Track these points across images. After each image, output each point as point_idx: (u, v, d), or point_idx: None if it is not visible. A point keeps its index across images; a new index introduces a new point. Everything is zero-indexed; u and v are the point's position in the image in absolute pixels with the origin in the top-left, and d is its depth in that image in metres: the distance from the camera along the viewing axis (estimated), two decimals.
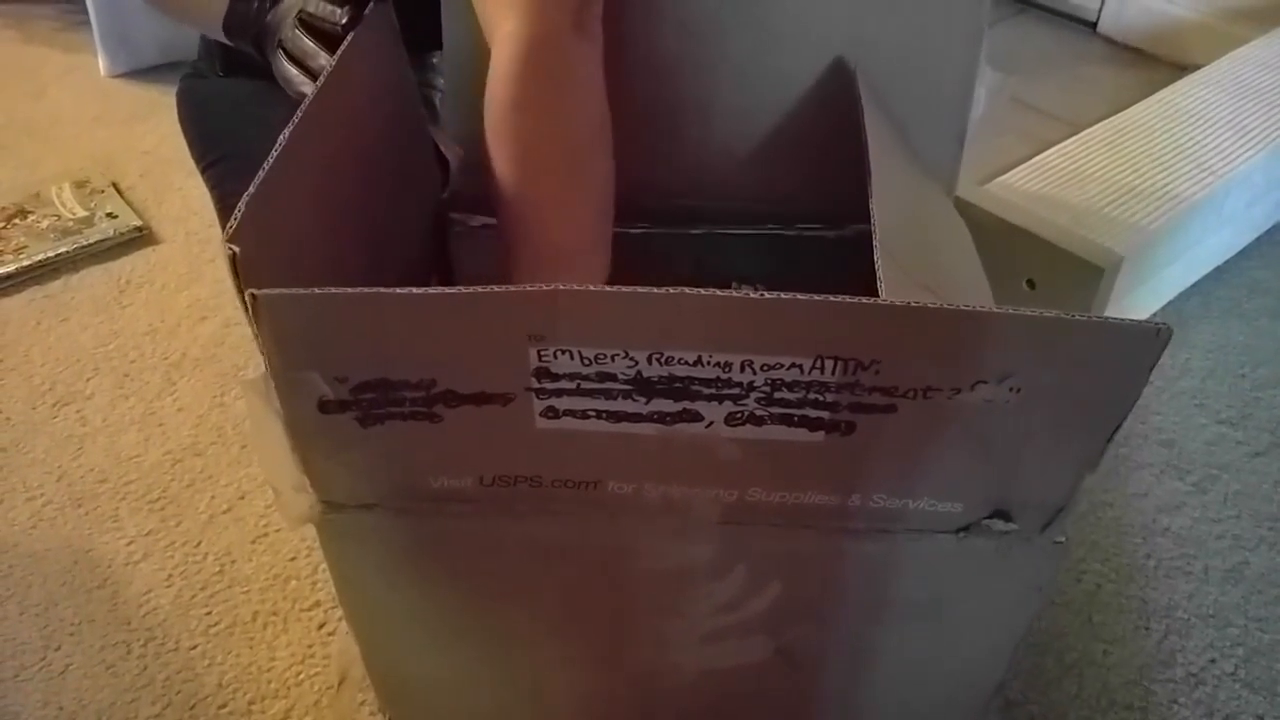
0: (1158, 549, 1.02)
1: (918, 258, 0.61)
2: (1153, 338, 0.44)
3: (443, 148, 0.84)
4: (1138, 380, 0.47)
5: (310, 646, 0.94)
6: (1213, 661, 0.92)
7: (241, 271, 0.45)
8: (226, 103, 0.97)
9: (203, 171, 0.97)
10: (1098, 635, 0.94)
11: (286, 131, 0.50)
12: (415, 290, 0.43)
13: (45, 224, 1.46)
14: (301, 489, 0.54)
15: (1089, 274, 1.09)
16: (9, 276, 1.37)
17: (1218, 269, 1.36)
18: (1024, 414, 0.48)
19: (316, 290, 0.44)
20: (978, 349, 0.46)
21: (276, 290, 0.44)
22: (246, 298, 0.44)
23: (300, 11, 0.68)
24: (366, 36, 0.65)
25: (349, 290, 0.44)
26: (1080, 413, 0.48)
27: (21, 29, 1.99)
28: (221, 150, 0.95)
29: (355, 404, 0.48)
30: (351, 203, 0.60)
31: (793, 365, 0.45)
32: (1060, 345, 0.46)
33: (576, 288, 0.42)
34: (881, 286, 0.42)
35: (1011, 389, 0.47)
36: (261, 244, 0.45)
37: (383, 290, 0.44)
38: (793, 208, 0.84)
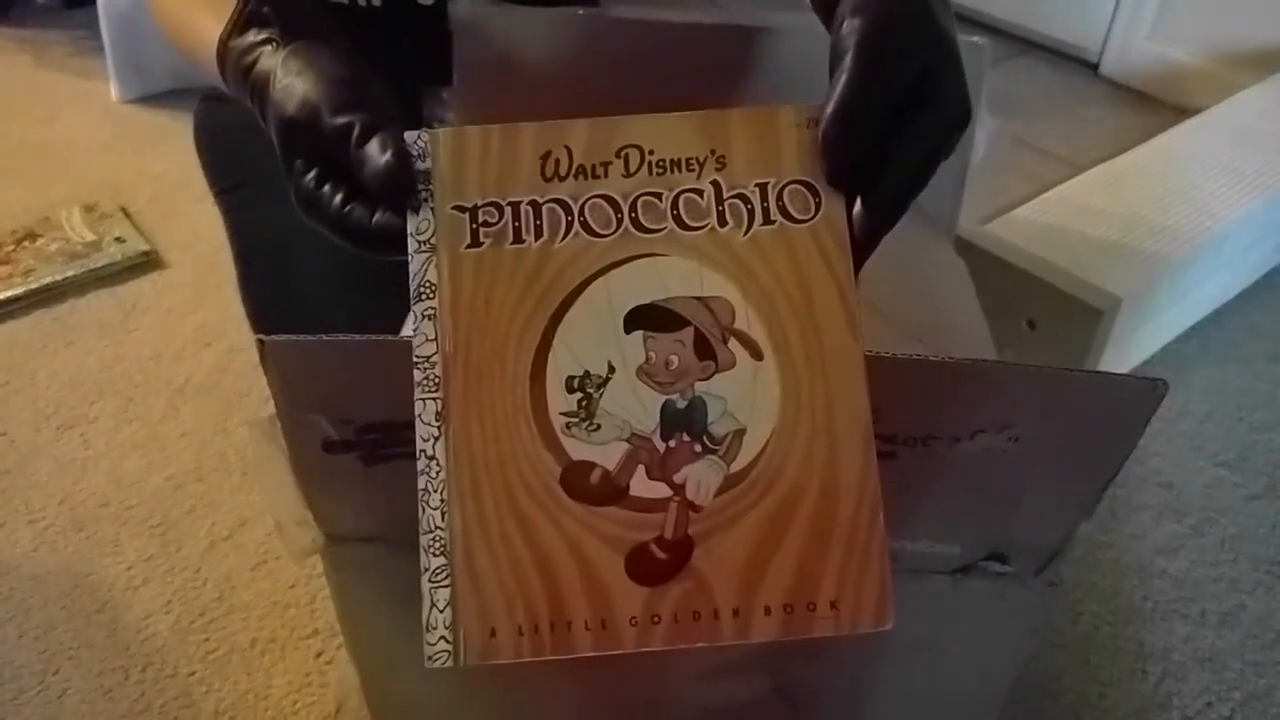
0: (1155, 591, 1.02)
1: (906, 305, 0.62)
2: (1149, 392, 0.45)
3: None
4: (1133, 433, 0.47)
5: (308, 675, 0.95)
6: (1209, 705, 0.92)
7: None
8: (245, 127, 0.98)
9: (217, 196, 0.98)
10: (1094, 677, 0.94)
11: None
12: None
13: (54, 247, 1.47)
14: (305, 523, 0.55)
15: (1088, 316, 1.10)
16: (17, 299, 1.38)
17: (1216, 312, 1.37)
18: (1021, 462, 0.49)
19: (324, 338, 0.45)
20: (977, 400, 0.46)
21: (284, 337, 0.45)
22: (255, 344, 0.44)
23: None
24: None
25: (354, 338, 0.45)
26: (1077, 462, 0.49)
27: (35, 54, 2.02)
28: (238, 176, 0.95)
29: (359, 444, 0.49)
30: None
31: None
32: (1058, 398, 0.46)
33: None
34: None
35: (1010, 438, 0.47)
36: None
37: (388, 338, 0.45)
38: None
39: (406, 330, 0.61)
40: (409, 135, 0.44)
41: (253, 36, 0.51)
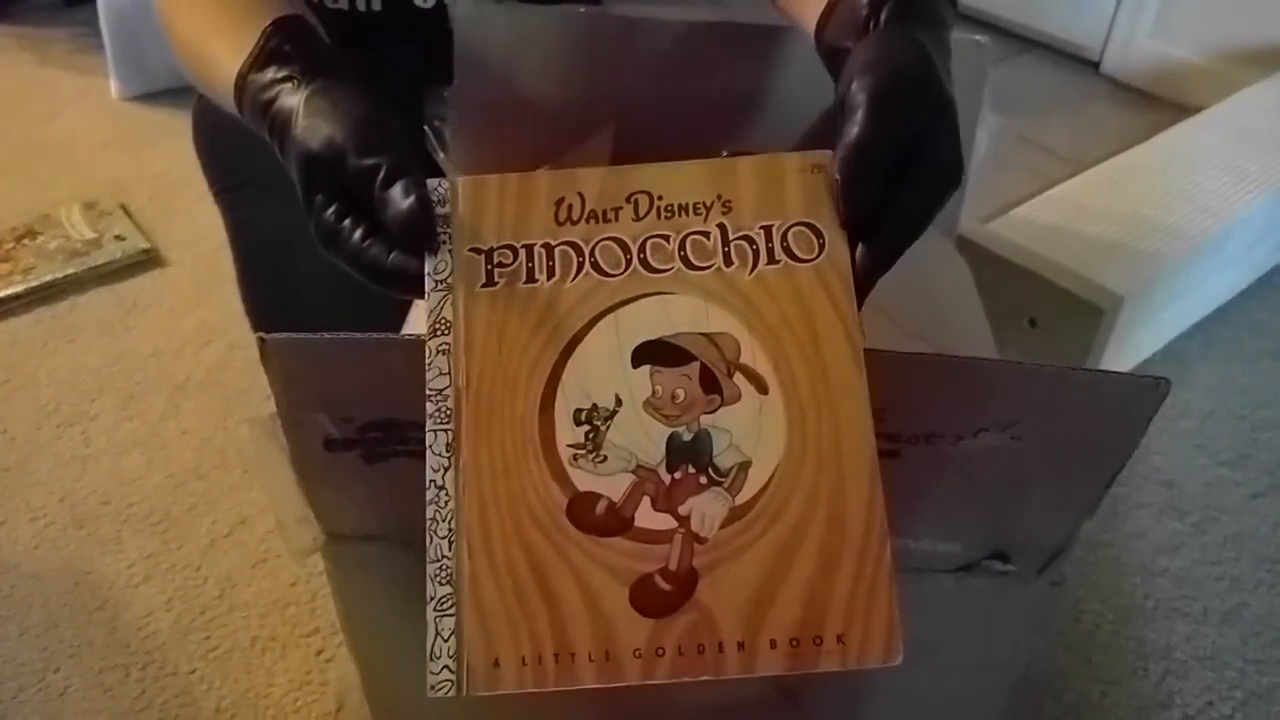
0: (1156, 589, 1.02)
1: (908, 304, 0.62)
2: (1151, 391, 0.45)
3: (450, 177, 0.85)
4: (1136, 431, 0.47)
5: (308, 673, 0.95)
6: (1210, 704, 0.92)
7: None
8: (245, 127, 0.98)
9: (216, 194, 0.98)
10: (1096, 676, 0.94)
11: None
12: (423, 336, 0.43)
13: (54, 245, 1.47)
14: (306, 521, 0.55)
15: (1090, 314, 1.10)
16: (17, 297, 1.38)
17: (1218, 310, 1.37)
18: (1024, 461, 0.49)
19: (325, 336, 0.45)
20: (980, 399, 0.46)
21: (285, 335, 0.45)
22: (256, 342, 0.44)
23: None
24: None
25: (355, 336, 0.45)
26: (1079, 461, 0.49)
27: (35, 51, 2.02)
28: (238, 175, 0.95)
29: (361, 442, 0.48)
30: None
31: None
32: (1060, 396, 0.46)
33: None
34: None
35: (1012, 437, 0.47)
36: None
37: (389, 336, 0.45)
38: None
39: (408, 330, 0.61)
40: (430, 182, 0.46)
41: (273, 73, 0.52)
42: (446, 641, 0.41)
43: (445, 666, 0.41)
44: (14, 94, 1.89)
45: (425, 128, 0.82)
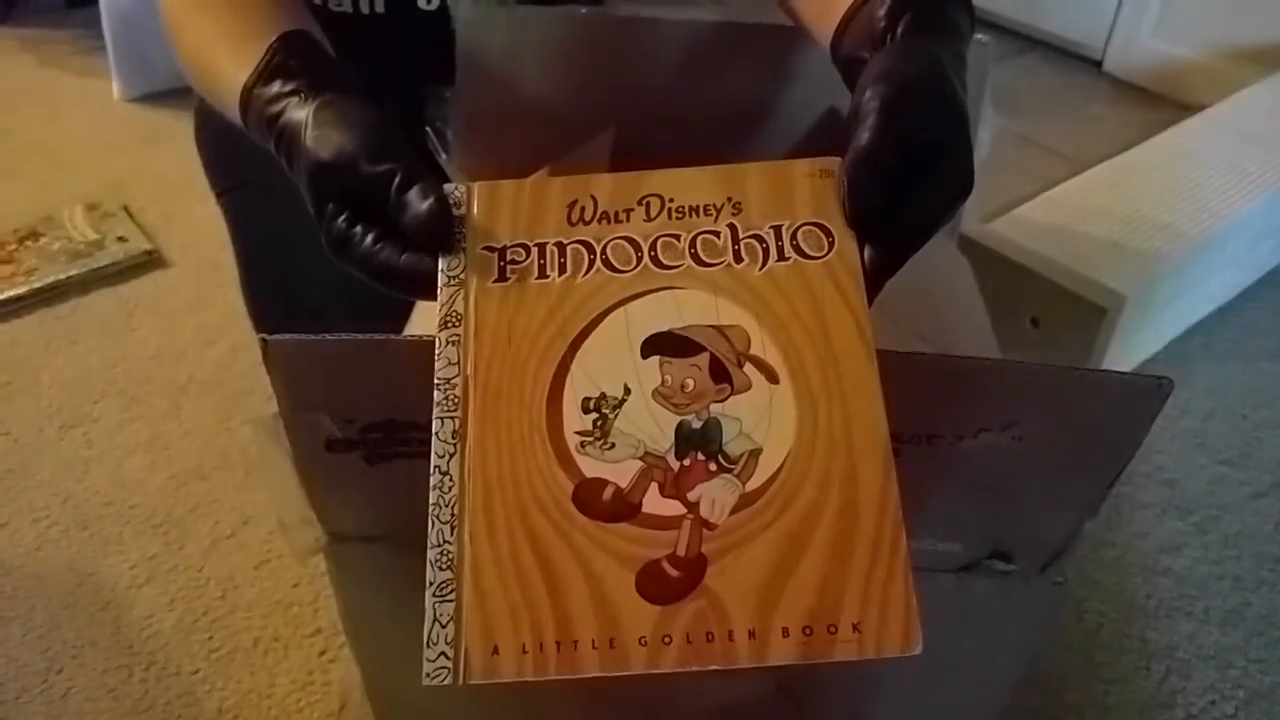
0: (1159, 589, 1.02)
1: (909, 303, 0.62)
2: (1154, 391, 0.45)
3: (452, 178, 0.85)
4: (1139, 431, 0.47)
5: (311, 673, 0.95)
6: (1213, 703, 0.92)
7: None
8: None
9: (218, 195, 0.98)
10: (1098, 675, 0.94)
11: None
12: (425, 336, 0.43)
13: (56, 246, 1.47)
14: (308, 522, 0.55)
15: (1092, 314, 1.10)
16: (19, 298, 1.38)
17: (1219, 309, 1.36)
18: (1026, 461, 0.49)
19: (327, 337, 0.45)
20: (981, 398, 0.46)
21: (287, 336, 0.45)
22: (258, 343, 0.44)
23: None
24: None
25: (357, 337, 0.45)
26: (1081, 461, 0.49)
27: (37, 52, 2.02)
28: (240, 176, 0.95)
29: (362, 443, 0.49)
30: None
31: None
32: (1063, 396, 0.46)
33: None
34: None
35: (1013, 437, 0.47)
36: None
37: (391, 337, 0.45)
38: None
39: (410, 332, 0.61)
40: (446, 186, 0.46)
41: (278, 87, 0.52)
42: (444, 628, 0.40)
43: (442, 653, 0.40)
44: (16, 95, 1.89)
45: (427, 129, 0.82)
